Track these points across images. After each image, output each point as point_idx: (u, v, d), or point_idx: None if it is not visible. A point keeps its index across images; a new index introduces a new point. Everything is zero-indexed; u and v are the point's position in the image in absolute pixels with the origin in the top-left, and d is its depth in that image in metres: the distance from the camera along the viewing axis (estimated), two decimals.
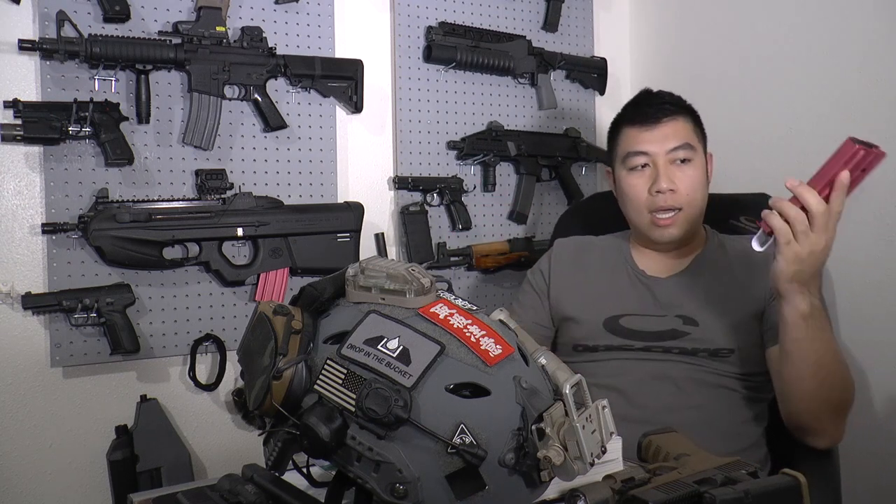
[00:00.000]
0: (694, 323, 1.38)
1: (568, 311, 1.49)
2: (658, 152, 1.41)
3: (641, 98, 1.49)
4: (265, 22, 1.72)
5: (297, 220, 1.70)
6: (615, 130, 1.51)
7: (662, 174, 1.39)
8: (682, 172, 1.40)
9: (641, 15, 2.30)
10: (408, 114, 1.91)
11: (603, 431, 0.82)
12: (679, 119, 1.43)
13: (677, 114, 1.43)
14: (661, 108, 1.43)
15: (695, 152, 1.42)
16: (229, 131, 1.69)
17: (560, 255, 1.57)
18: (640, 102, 1.48)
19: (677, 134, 1.41)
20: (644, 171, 1.42)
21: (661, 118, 1.42)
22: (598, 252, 1.54)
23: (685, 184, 1.40)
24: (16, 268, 1.51)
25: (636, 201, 1.43)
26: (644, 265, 1.48)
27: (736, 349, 1.36)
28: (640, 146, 1.42)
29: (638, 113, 1.45)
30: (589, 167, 2.19)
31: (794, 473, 0.82)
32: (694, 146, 1.42)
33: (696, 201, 1.42)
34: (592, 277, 1.51)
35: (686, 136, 1.42)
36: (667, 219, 1.41)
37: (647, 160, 1.42)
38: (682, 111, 1.45)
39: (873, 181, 1.12)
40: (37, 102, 1.48)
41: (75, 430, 1.57)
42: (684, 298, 1.41)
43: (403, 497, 0.78)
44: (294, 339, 0.85)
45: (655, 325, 1.40)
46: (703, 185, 1.44)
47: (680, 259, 1.47)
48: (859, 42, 1.70)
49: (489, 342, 0.82)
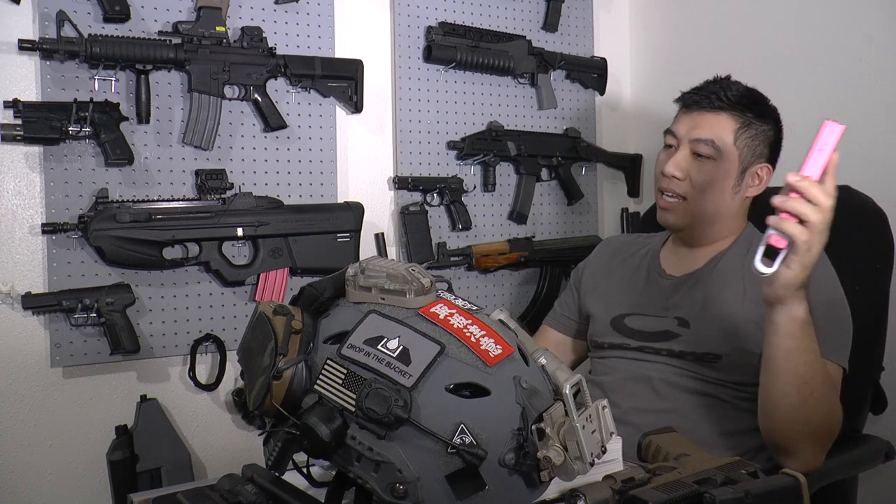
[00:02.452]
0: (686, 325, 1.35)
1: (589, 308, 1.52)
2: (682, 136, 1.37)
3: (705, 82, 1.42)
4: (265, 22, 1.72)
5: (297, 220, 1.70)
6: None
7: (674, 159, 1.36)
8: (699, 166, 1.36)
9: (641, 15, 2.30)
10: (408, 114, 1.91)
11: (603, 431, 0.82)
12: (721, 115, 1.35)
13: (723, 110, 1.35)
14: (708, 96, 1.37)
15: (719, 153, 1.34)
16: (229, 131, 1.69)
17: (599, 252, 1.60)
18: (701, 85, 1.42)
19: (707, 127, 1.35)
20: (669, 151, 1.40)
21: (702, 105, 1.37)
22: (634, 250, 1.55)
23: (696, 177, 1.35)
24: (16, 268, 1.51)
25: (656, 177, 1.43)
26: (667, 263, 1.46)
27: (724, 355, 1.30)
28: (673, 126, 1.41)
29: (690, 93, 1.41)
30: (589, 167, 2.19)
31: (794, 473, 0.82)
32: (720, 148, 1.34)
33: (704, 199, 1.36)
34: (616, 275, 1.52)
35: (715, 134, 1.34)
36: (667, 202, 1.38)
37: (674, 141, 1.39)
38: (732, 109, 1.35)
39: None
40: (37, 102, 1.48)
41: (75, 430, 1.57)
42: (686, 300, 1.38)
43: (403, 497, 0.78)
44: (294, 339, 0.85)
45: (654, 325, 1.39)
46: (721, 187, 1.36)
47: (699, 258, 1.42)
48: (860, 41, 1.70)
49: (489, 342, 0.82)
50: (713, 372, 1.31)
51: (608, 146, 2.23)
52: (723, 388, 1.31)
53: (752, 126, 1.36)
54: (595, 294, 1.52)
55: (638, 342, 1.39)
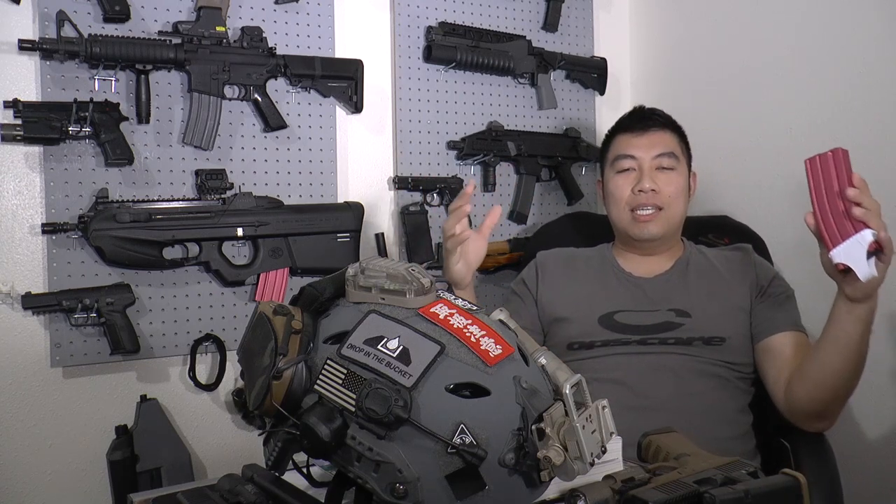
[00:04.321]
0: (687, 315, 1.46)
1: (559, 312, 1.54)
2: (644, 157, 1.53)
3: (634, 111, 1.63)
4: (265, 22, 1.72)
5: (297, 220, 1.70)
6: (608, 139, 1.63)
7: (646, 176, 1.51)
8: (666, 177, 1.52)
9: (641, 15, 2.30)
10: (408, 114, 1.91)
11: (603, 431, 0.83)
12: (667, 132, 1.57)
13: (665, 127, 1.57)
14: (650, 119, 1.57)
15: (678, 163, 1.54)
16: (229, 131, 1.69)
17: (545, 262, 1.63)
18: (633, 114, 1.62)
19: (663, 143, 1.55)
20: (630, 174, 1.54)
21: (649, 127, 1.56)
22: (583, 260, 1.62)
23: (667, 187, 1.51)
24: (16, 268, 1.51)
25: (620, 200, 1.55)
26: (629, 268, 1.57)
27: (727, 338, 1.43)
28: (629, 150, 1.55)
29: (629, 122, 1.59)
30: (589, 167, 2.19)
31: (794, 473, 0.82)
32: (678, 157, 1.55)
33: (676, 205, 1.52)
34: (581, 280, 1.57)
35: (671, 147, 1.55)
36: (647, 215, 1.51)
37: (634, 164, 1.54)
38: (669, 126, 1.58)
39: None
40: (37, 102, 1.48)
41: (75, 430, 1.57)
42: (674, 294, 1.50)
43: (403, 497, 0.78)
44: (294, 339, 0.85)
45: (649, 319, 1.47)
46: (684, 193, 1.55)
47: (662, 263, 1.56)
48: (860, 41, 1.70)
49: (489, 342, 0.82)
50: (719, 354, 1.43)
51: None
52: (727, 368, 1.44)
53: (683, 138, 1.60)
54: (563, 298, 1.55)
55: (639, 336, 1.45)
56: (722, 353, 1.43)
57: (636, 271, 1.56)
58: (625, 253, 1.60)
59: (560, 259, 1.63)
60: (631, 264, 1.57)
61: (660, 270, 1.55)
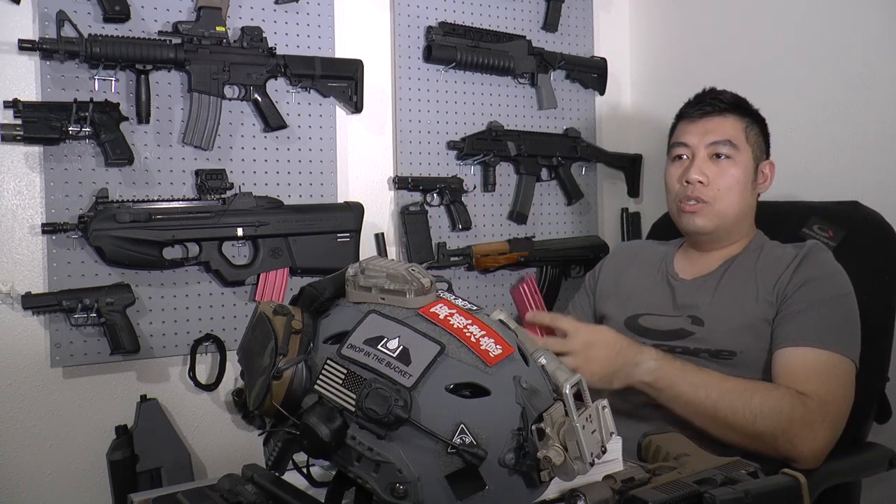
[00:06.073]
0: (700, 323, 1.40)
1: (603, 310, 1.57)
2: (697, 144, 1.44)
3: (698, 94, 1.51)
4: (265, 22, 1.72)
5: (297, 220, 1.70)
6: (673, 127, 1.54)
7: (695, 165, 1.42)
8: (719, 168, 1.42)
9: (641, 15, 2.30)
10: (408, 114, 1.91)
11: (603, 431, 0.82)
12: (728, 117, 1.45)
13: (728, 112, 1.45)
14: (711, 103, 1.46)
15: (737, 152, 1.43)
16: (229, 131, 1.69)
17: (613, 256, 1.65)
18: (696, 98, 1.51)
19: (720, 130, 1.43)
20: (682, 162, 1.47)
21: (708, 113, 1.45)
22: (648, 255, 1.59)
23: (719, 178, 1.41)
24: (16, 268, 1.50)
25: (670, 190, 1.49)
26: (680, 267, 1.52)
27: (738, 352, 1.34)
28: (683, 137, 1.47)
29: (688, 106, 1.50)
30: (589, 167, 2.19)
31: (794, 473, 0.82)
32: (738, 145, 1.43)
33: (729, 199, 1.42)
34: (629, 278, 1.57)
35: (730, 134, 1.43)
36: (692, 205, 1.43)
37: (687, 151, 1.46)
38: (735, 111, 1.45)
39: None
40: (37, 102, 1.48)
41: (75, 430, 1.57)
42: (700, 299, 1.43)
43: (403, 497, 0.78)
44: (294, 339, 0.85)
45: (667, 324, 1.44)
46: (742, 185, 1.43)
47: (710, 263, 1.48)
48: (860, 41, 1.70)
49: (489, 342, 0.82)
50: (727, 368, 1.33)
51: (608, 146, 2.23)
52: None
53: (753, 125, 1.47)
54: (610, 296, 1.57)
55: (653, 341, 1.42)
56: (731, 368, 1.32)
57: (683, 272, 1.50)
58: (687, 250, 1.53)
59: (628, 253, 1.62)
60: (682, 263, 1.51)
61: (704, 272, 1.46)
